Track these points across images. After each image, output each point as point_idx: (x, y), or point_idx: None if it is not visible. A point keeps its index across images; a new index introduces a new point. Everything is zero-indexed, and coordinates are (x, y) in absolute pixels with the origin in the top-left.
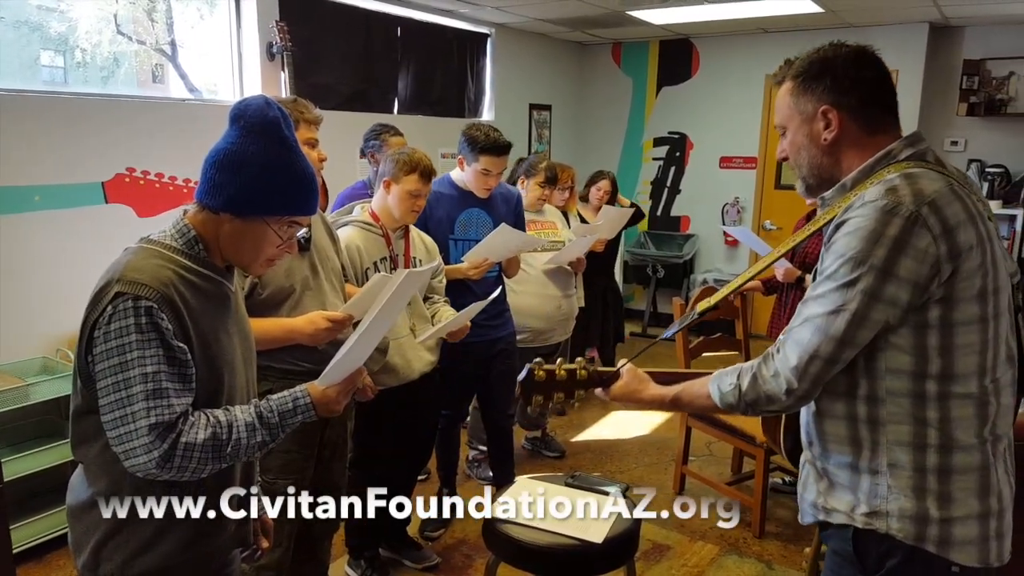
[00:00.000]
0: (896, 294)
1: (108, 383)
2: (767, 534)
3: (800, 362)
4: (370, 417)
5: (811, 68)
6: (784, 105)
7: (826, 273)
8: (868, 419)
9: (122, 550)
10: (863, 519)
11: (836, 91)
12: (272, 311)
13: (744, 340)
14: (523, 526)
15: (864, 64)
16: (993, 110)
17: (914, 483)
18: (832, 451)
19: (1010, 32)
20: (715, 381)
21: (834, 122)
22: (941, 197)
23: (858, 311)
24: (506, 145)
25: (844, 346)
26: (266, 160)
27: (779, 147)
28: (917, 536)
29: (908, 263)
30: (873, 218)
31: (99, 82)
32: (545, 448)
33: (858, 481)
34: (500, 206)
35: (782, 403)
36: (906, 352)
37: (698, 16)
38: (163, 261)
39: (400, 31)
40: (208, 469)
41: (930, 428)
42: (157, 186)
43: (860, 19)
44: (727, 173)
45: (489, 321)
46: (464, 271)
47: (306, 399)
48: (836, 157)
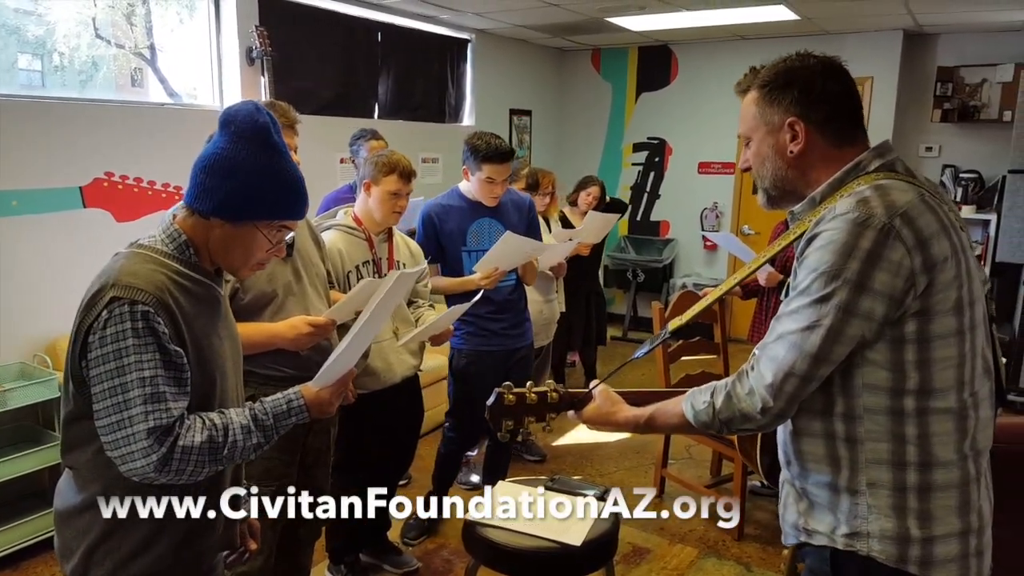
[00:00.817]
0: (871, 308)
1: (104, 388)
2: (746, 536)
3: (775, 380)
4: (351, 421)
5: (778, 78)
6: (749, 115)
7: (799, 288)
8: (846, 437)
9: (113, 555)
10: (844, 540)
11: (803, 103)
12: (254, 316)
13: (723, 344)
14: (503, 529)
15: (832, 76)
16: (966, 116)
17: (894, 502)
18: (811, 470)
19: (982, 40)
20: (688, 400)
21: (801, 135)
22: (913, 208)
23: (833, 326)
24: (509, 152)
25: (820, 363)
26: (256, 165)
27: (742, 156)
28: (899, 558)
29: (882, 276)
30: (845, 231)
31: (77, 86)
32: (526, 452)
33: (838, 501)
34: (512, 214)
35: (757, 421)
36: (883, 368)
37: (676, 23)
38: (156, 266)
39: (381, 36)
40: (205, 472)
41: (909, 445)
42: (136, 191)
43: (836, 27)
44: (706, 178)
45: (510, 330)
46: (476, 282)
47: (300, 400)
48: (802, 170)
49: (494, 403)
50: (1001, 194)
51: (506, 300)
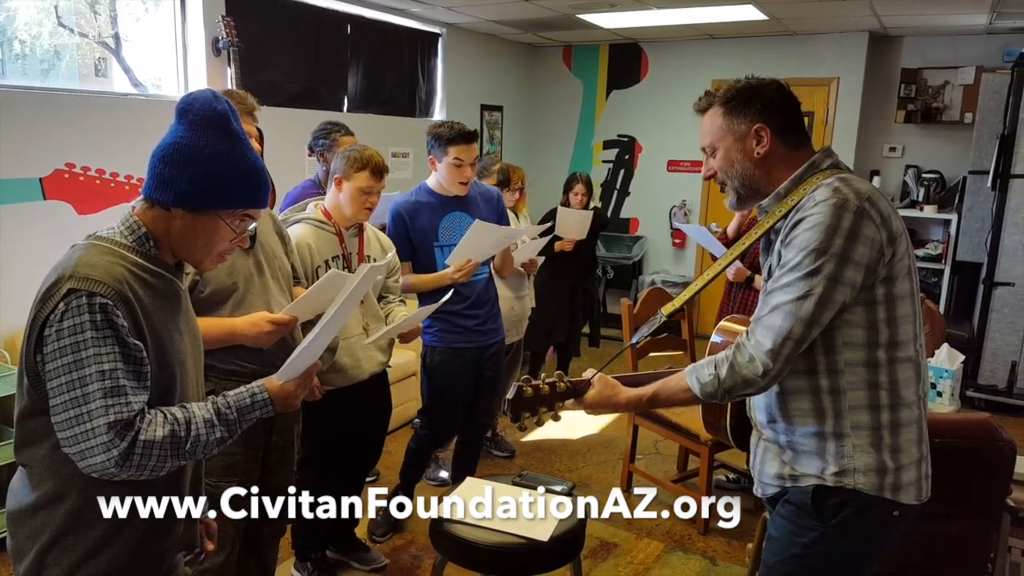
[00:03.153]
0: (854, 277)
1: (62, 382)
2: (711, 531)
3: (775, 344)
4: (318, 417)
5: (740, 94)
6: (715, 127)
7: (790, 264)
8: (830, 390)
9: (68, 555)
10: (833, 478)
11: (766, 113)
12: (215, 309)
13: (690, 340)
14: (470, 525)
15: (784, 92)
16: (929, 118)
17: (872, 440)
18: (797, 424)
19: (945, 42)
20: (692, 374)
21: (765, 138)
22: (873, 194)
23: (823, 294)
24: (472, 132)
25: (812, 326)
26: (216, 153)
27: (705, 166)
28: (878, 487)
29: (861, 249)
30: (829, 214)
31: (39, 75)
32: (495, 448)
33: (824, 446)
34: (481, 206)
35: (758, 384)
36: (859, 326)
37: (646, 21)
38: (115, 258)
39: (350, 28)
40: (167, 467)
41: (882, 390)
42: (98, 183)
43: (803, 27)
44: (675, 176)
45: (482, 326)
46: (450, 276)
47: (263, 394)
48: (766, 169)
49: (515, 396)
50: (962, 194)
51: (479, 296)
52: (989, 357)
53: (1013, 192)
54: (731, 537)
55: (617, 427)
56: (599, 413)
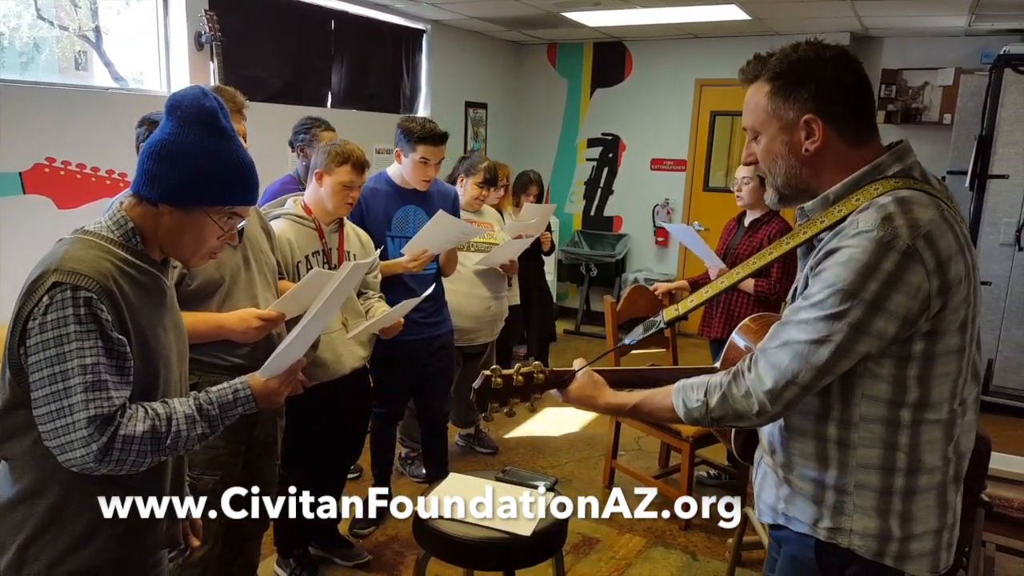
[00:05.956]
0: (884, 328)
1: (44, 375)
2: (692, 526)
3: (776, 386)
4: (300, 413)
5: (792, 71)
6: (760, 108)
7: (812, 300)
8: (838, 441)
9: (50, 549)
10: (826, 533)
11: (821, 99)
12: (201, 303)
13: (672, 339)
14: (453, 521)
15: (849, 70)
16: (909, 118)
17: (878, 504)
18: (797, 464)
19: (925, 44)
20: (679, 394)
21: (818, 132)
22: (936, 227)
23: (843, 344)
24: (443, 134)
25: (823, 375)
26: (204, 150)
27: (746, 150)
28: (878, 553)
29: (900, 299)
30: (869, 250)
31: (18, 68)
32: (478, 444)
33: (822, 496)
34: (437, 203)
35: (751, 422)
36: (885, 381)
37: (630, 20)
38: (101, 252)
39: (334, 24)
40: (147, 462)
41: (899, 452)
42: (78, 177)
43: (785, 28)
44: (658, 175)
45: (428, 319)
46: (404, 264)
47: (246, 391)
48: (816, 169)
49: (481, 386)
50: None
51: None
52: None
53: (990, 193)
54: (712, 532)
55: (599, 423)
56: (579, 408)
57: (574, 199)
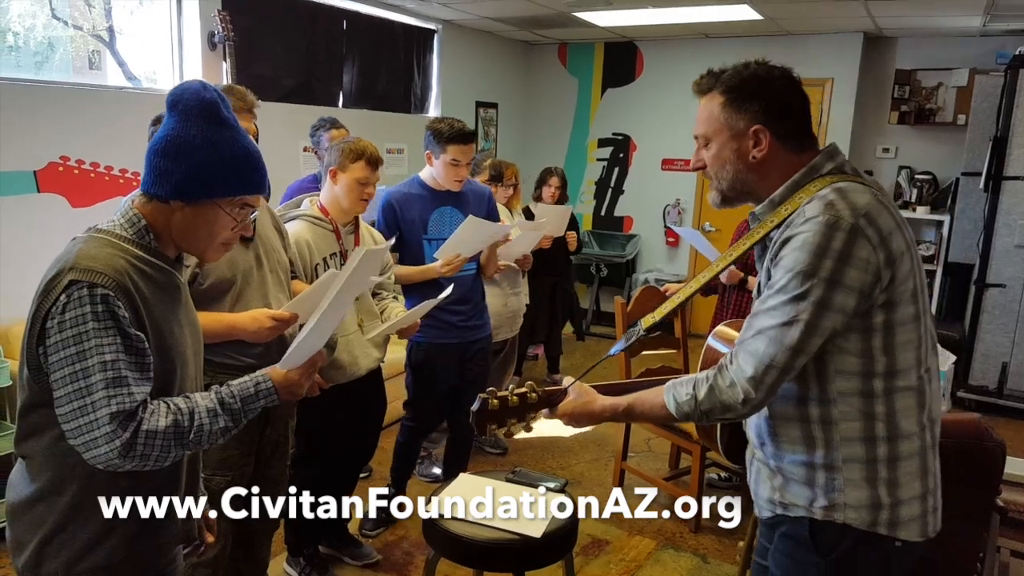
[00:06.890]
0: (844, 302)
1: (64, 373)
2: (703, 528)
3: (756, 372)
4: (314, 413)
5: (744, 86)
6: (713, 117)
7: (776, 287)
8: (821, 420)
9: (68, 547)
10: (821, 512)
11: (769, 113)
12: (214, 303)
13: (683, 339)
14: (463, 522)
15: (793, 88)
16: (922, 119)
17: (866, 474)
18: (786, 451)
19: (939, 44)
20: (669, 391)
21: (764, 142)
22: (873, 208)
23: (810, 321)
24: (472, 133)
25: (798, 355)
26: (209, 142)
27: (695, 156)
28: (871, 522)
29: (854, 272)
30: (819, 232)
31: (32, 67)
32: (488, 444)
33: (814, 476)
34: (472, 203)
35: (738, 411)
36: (853, 355)
37: (642, 20)
38: (116, 250)
39: (346, 24)
40: (171, 456)
41: (878, 421)
42: (92, 176)
43: (798, 28)
44: (669, 175)
45: (467, 322)
46: (437, 269)
47: (268, 383)
48: (761, 174)
49: (479, 409)
50: (955, 196)
51: (465, 292)
52: (980, 358)
53: (1005, 194)
54: (722, 535)
55: (609, 425)
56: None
57: (584, 199)
